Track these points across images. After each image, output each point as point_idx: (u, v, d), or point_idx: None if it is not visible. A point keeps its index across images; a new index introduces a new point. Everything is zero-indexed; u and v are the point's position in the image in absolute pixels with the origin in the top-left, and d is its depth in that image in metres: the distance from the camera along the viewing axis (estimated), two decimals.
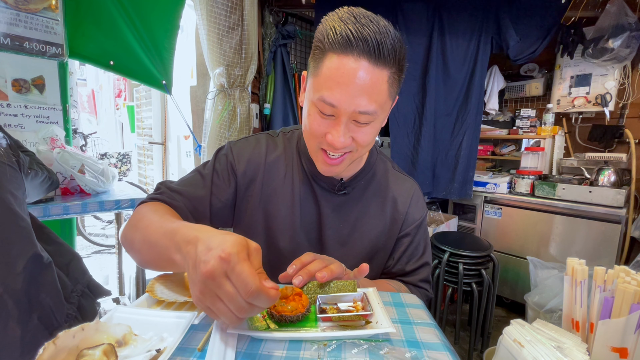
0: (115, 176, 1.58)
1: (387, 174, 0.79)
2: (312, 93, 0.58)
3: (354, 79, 0.53)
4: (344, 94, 0.54)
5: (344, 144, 0.58)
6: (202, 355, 0.42)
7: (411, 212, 0.77)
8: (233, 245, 0.38)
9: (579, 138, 2.42)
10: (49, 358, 0.35)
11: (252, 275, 0.37)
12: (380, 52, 0.52)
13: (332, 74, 0.54)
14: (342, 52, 0.53)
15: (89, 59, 1.68)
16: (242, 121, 1.98)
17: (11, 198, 0.64)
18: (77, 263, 0.78)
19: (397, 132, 2.32)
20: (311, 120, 0.60)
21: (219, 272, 0.37)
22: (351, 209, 0.75)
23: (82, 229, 3.21)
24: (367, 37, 0.51)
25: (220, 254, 0.37)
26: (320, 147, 0.62)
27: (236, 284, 0.37)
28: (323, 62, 0.55)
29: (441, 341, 0.46)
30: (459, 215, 2.48)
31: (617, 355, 0.43)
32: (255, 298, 0.38)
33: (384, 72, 0.54)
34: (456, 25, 2.15)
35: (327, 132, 0.58)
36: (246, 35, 1.90)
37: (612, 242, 1.89)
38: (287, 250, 0.74)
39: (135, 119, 4.33)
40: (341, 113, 0.56)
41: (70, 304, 0.69)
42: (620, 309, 0.43)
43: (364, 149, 0.63)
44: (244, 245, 0.40)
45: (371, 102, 0.55)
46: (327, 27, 0.54)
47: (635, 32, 1.95)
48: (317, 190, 0.74)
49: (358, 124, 0.58)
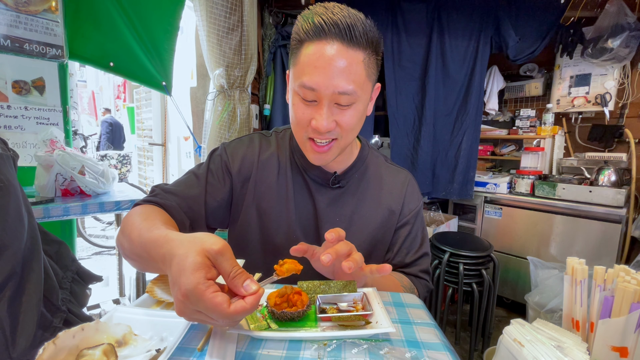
0: (115, 177, 1.58)
1: (381, 166, 0.80)
2: (293, 82, 0.61)
3: (330, 61, 0.56)
4: (322, 76, 0.56)
5: (327, 127, 0.59)
6: (202, 355, 0.42)
7: (407, 203, 0.78)
8: (188, 281, 0.36)
9: (579, 138, 2.42)
10: (48, 358, 0.35)
11: (216, 306, 0.35)
12: (352, 34, 0.56)
13: (310, 59, 0.57)
14: (317, 39, 0.57)
15: (89, 60, 1.68)
16: (242, 122, 1.98)
17: (18, 188, 0.63)
18: (64, 250, 0.78)
19: (397, 133, 2.32)
20: (295, 109, 0.62)
21: (189, 309, 0.37)
22: (347, 202, 0.75)
23: (82, 230, 3.21)
24: (338, 21, 0.55)
25: (179, 297, 0.36)
26: (308, 136, 0.63)
27: (208, 314, 0.37)
28: (300, 52, 0.59)
29: (441, 341, 0.46)
30: (459, 216, 2.48)
31: (617, 354, 0.43)
32: (233, 318, 0.37)
33: (358, 53, 0.57)
34: (455, 26, 2.15)
35: (312, 118, 0.60)
36: (246, 36, 1.90)
37: (612, 242, 1.89)
38: (283, 246, 0.73)
39: (135, 120, 4.33)
40: (322, 96, 0.58)
41: (63, 289, 0.69)
42: (620, 308, 0.43)
43: (349, 134, 0.64)
44: (201, 265, 0.37)
45: (349, 82, 0.57)
46: (301, 21, 0.59)
47: (635, 31, 1.95)
48: (312, 185, 0.74)
49: (340, 107, 0.60)
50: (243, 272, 0.39)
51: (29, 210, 0.63)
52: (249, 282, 0.38)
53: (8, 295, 0.53)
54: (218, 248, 0.38)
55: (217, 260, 0.38)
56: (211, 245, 0.38)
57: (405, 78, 2.27)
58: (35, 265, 0.60)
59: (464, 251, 1.75)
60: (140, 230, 0.52)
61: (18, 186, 0.62)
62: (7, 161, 0.62)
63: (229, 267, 0.38)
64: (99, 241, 3.30)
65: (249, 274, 0.40)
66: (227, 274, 0.38)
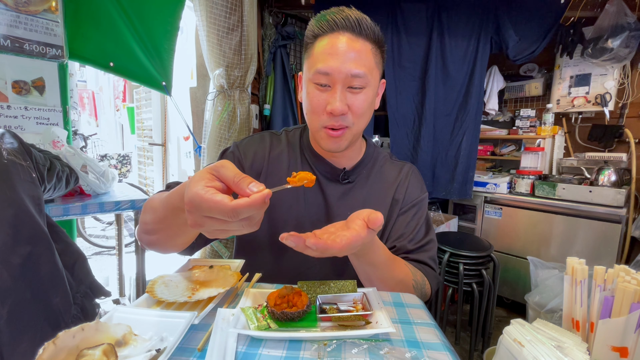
0: (116, 177, 1.58)
1: (386, 162, 0.84)
2: (308, 72, 0.67)
3: (343, 48, 0.62)
4: (336, 61, 0.62)
5: (342, 109, 0.63)
6: (202, 355, 0.42)
7: (410, 192, 0.80)
8: (190, 192, 0.38)
9: (578, 138, 2.42)
10: (48, 358, 0.35)
11: (216, 204, 0.37)
12: (361, 26, 0.63)
13: (324, 49, 0.64)
14: (330, 32, 0.64)
15: (88, 60, 1.68)
16: (242, 122, 1.98)
17: (26, 199, 0.63)
18: (82, 263, 0.79)
19: (397, 133, 2.32)
20: (311, 98, 0.66)
21: (198, 217, 0.38)
22: (356, 196, 0.78)
23: (82, 230, 3.21)
24: (348, 16, 0.63)
25: (186, 208, 0.39)
26: (322, 125, 0.67)
27: (214, 215, 0.38)
28: (314, 45, 0.65)
29: (441, 341, 0.46)
30: (459, 216, 2.48)
31: (617, 354, 0.43)
32: (240, 213, 0.37)
33: (366, 43, 0.64)
34: (455, 26, 2.15)
35: (327, 104, 0.64)
36: (246, 36, 1.90)
37: (612, 242, 1.89)
38: None
39: (135, 120, 4.33)
40: (336, 80, 0.63)
41: (75, 304, 0.69)
42: (620, 308, 0.43)
43: (360, 120, 0.68)
44: (202, 177, 0.39)
45: (360, 66, 0.63)
46: (314, 21, 0.66)
47: (635, 31, 1.95)
48: (322, 180, 0.77)
49: (352, 90, 0.64)
50: (247, 177, 0.40)
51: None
52: (253, 183, 0.39)
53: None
54: (218, 162, 0.41)
55: (219, 172, 0.40)
56: (212, 165, 0.41)
57: (405, 78, 2.26)
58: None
59: (464, 251, 1.75)
60: (161, 197, 0.56)
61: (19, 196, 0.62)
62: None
63: (231, 174, 0.40)
64: (99, 241, 3.30)
65: (252, 178, 0.40)
66: (231, 180, 0.39)
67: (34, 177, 0.70)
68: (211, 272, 0.61)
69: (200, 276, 0.60)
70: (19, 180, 0.64)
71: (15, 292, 0.56)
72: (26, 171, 0.68)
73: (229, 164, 0.41)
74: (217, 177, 0.40)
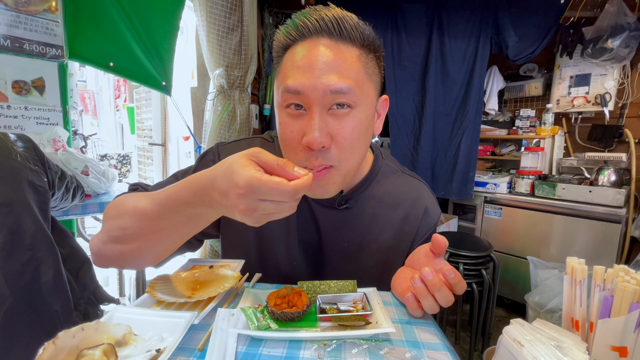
0: (116, 177, 1.58)
1: (394, 180, 0.70)
2: (277, 93, 0.52)
3: (318, 57, 0.47)
4: (308, 75, 0.47)
5: (320, 140, 0.47)
6: (202, 355, 0.42)
7: (423, 225, 0.69)
8: (243, 175, 0.37)
9: (578, 138, 2.42)
10: (48, 358, 0.35)
11: (277, 184, 0.37)
12: (341, 27, 0.48)
13: (293, 61, 0.49)
14: (301, 40, 0.49)
15: (88, 60, 1.68)
16: (242, 122, 1.98)
17: (33, 203, 0.63)
18: (87, 269, 0.78)
19: (397, 133, 2.32)
20: (283, 128, 0.52)
21: (253, 201, 0.38)
22: (356, 225, 0.65)
23: (82, 231, 3.20)
24: (324, 16, 0.48)
25: (240, 192, 0.37)
26: (302, 166, 0.48)
27: (275, 199, 0.38)
28: (283, 58, 0.52)
29: (441, 341, 0.46)
30: (459, 216, 2.48)
31: (616, 354, 0.43)
32: (299, 192, 0.38)
33: (351, 48, 0.49)
34: (455, 26, 2.16)
35: (303, 134, 0.49)
36: (246, 36, 1.90)
37: (612, 242, 1.89)
38: (286, 273, 0.67)
39: (135, 120, 4.33)
40: (311, 101, 0.48)
41: (78, 311, 0.68)
42: (619, 308, 0.43)
43: (348, 154, 0.51)
44: (248, 162, 0.38)
45: (343, 78, 0.47)
46: (282, 29, 0.52)
47: (634, 31, 1.95)
48: (315, 207, 0.65)
49: (335, 112, 0.49)
50: (289, 161, 0.39)
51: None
52: (297, 167, 0.39)
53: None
54: (253, 149, 0.40)
55: (259, 157, 0.39)
56: (246, 151, 0.39)
57: (405, 78, 2.27)
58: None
59: (463, 251, 1.75)
60: (147, 197, 0.48)
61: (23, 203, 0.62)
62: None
63: (273, 159, 0.39)
64: None
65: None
66: (274, 165, 0.39)
67: (44, 181, 0.70)
68: (211, 272, 0.61)
69: (200, 276, 0.60)
70: (28, 184, 0.64)
71: (12, 298, 0.55)
72: (36, 175, 0.68)
73: (261, 150, 0.40)
74: (257, 163, 0.39)
